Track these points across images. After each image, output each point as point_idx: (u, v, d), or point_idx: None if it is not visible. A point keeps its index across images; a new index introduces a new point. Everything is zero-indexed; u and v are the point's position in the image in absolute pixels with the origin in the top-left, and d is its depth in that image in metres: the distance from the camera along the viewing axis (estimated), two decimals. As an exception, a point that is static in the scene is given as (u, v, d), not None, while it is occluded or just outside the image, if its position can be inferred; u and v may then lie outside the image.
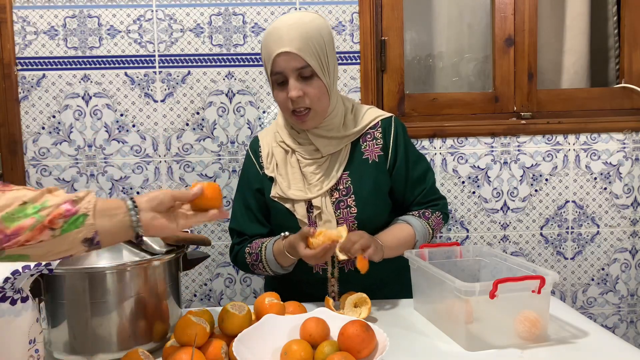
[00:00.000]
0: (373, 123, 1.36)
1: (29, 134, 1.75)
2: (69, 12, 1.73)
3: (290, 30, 1.22)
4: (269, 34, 1.25)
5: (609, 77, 2.02)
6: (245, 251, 1.37)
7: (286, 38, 1.22)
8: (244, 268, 1.41)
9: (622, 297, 1.95)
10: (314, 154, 1.33)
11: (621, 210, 1.91)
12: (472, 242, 1.89)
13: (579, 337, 1.10)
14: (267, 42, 1.25)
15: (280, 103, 1.30)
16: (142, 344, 1.05)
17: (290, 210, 1.32)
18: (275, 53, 1.23)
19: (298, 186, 1.32)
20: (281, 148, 1.36)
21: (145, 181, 1.79)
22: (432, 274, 1.15)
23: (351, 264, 1.32)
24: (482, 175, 1.87)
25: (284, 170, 1.34)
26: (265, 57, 1.28)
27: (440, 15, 1.99)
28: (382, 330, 0.99)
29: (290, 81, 1.24)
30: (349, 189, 1.32)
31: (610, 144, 1.88)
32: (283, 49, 1.22)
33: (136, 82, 1.76)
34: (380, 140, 1.36)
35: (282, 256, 1.28)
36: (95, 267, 1.02)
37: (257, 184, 1.39)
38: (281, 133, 1.37)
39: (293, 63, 1.22)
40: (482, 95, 1.90)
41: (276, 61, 1.23)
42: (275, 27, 1.24)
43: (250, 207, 1.40)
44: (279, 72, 1.25)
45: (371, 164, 1.34)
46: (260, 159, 1.40)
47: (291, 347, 0.94)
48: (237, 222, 1.42)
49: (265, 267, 1.33)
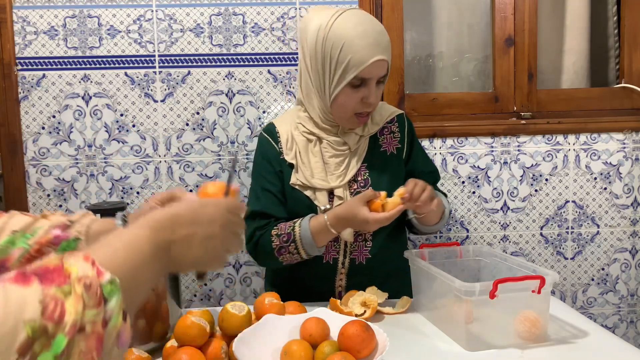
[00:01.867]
0: (390, 118, 1.43)
1: (29, 134, 1.75)
2: (69, 12, 1.73)
3: (382, 37, 1.26)
4: (355, 37, 1.23)
5: (609, 77, 2.02)
6: (272, 233, 1.31)
7: (382, 45, 1.25)
8: (266, 256, 1.34)
9: (622, 297, 1.95)
10: (341, 146, 1.36)
11: (621, 210, 1.91)
12: (472, 242, 1.89)
13: (579, 337, 1.10)
14: (357, 45, 1.23)
15: (348, 104, 1.29)
16: (142, 344, 1.05)
17: (310, 198, 1.33)
18: (373, 59, 1.23)
19: (320, 175, 1.34)
20: (303, 137, 1.37)
21: (145, 181, 1.79)
22: (432, 274, 1.16)
23: (363, 256, 1.36)
24: (482, 175, 1.87)
25: (306, 159, 1.35)
26: (347, 57, 1.24)
27: (440, 15, 1.99)
28: (382, 330, 0.99)
29: (372, 87, 1.27)
30: (367, 181, 1.36)
31: (610, 144, 1.88)
32: (380, 56, 1.24)
33: (136, 82, 1.76)
34: (397, 134, 1.43)
35: (322, 232, 1.27)
36: (95, 267, 1.01)
37: (278, 166, 1.38)
38: (307, 125, 1.37)
39: (382, 71, 1.27)
40: (482, 95, 1.90)
41: (369, 66, 1.24)
42: (364, 31, 1.23)
43: (271, 189, 1.37)
44: (366, 77, 1.26)
45: (389, 156, 1.41)
46: (279, 144, 1.39)
47: (291, 347, 0.94)
48: (261, 204, 1.36)
49: (298, 247, 1.28)
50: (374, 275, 1.37)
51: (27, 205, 1.76)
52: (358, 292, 1.23)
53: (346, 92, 1.27)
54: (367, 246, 1.37)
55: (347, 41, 1.24)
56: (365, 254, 1.37)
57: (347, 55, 1.24)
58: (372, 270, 1.37)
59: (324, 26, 1.26)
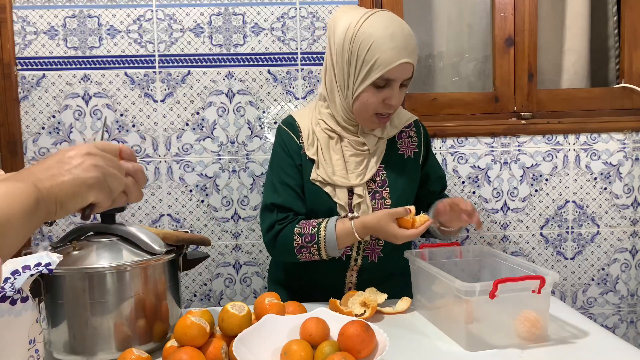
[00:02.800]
0: (408, 123, 1.45)
1: (29, 134, 1.75)
2: (69, 12, 1.73)
3: (410, 40, 1.27)
4: (386, 38, 1.24)
5: (609, 77, 2.02)
6: (295, 232, 1.30)
7: (409, 49, 1.26)
8: (285, 251, 1.34)
9: (622, 297, 1.95)
10: (361, 147, 1.37)
11: (621, 210, 1.91)
12: (472, 242, 1.89)
13: (579, 337, 1.10)
14: (385, 46, 1.24)
15: (370, 104, 1.30)
16: (142, 344, 1.05)
17: (329, 194, 1.34)
18: (400, 61, 1.24)
19: (341, 173, 1.35)
20: (325, 133, 1.38)
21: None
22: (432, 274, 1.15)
23: (375, 255, 1.39)
24: (482, 175, 1.87)
25: (327, 155, 1.36)
26: (380, 58, 1.24)
27: (440, 15, 1.99)
28: (382, 330, 0.99)
29: (396, 89, 1.28)
30: (384, 182, 1.38)
31: (610, 144, 1.88)
32: (407, 59, 1.25)
33: (136, 82, 1.76)
34: (415, 139, 1.45)
35: (347, 237, 1.28)
36: (95, 267, 1.01)
37: (298, 159, 1.38)
38: (328, 122, 1.38)
39: (406, 74, 1.28)
40: (482, 95, 1.90)
41: (396, 68, 1.25)
42: (393, 33, 1.24)
43: (290, 183, 1.36)
44: (390, 78, 1.26)
45: (407, 159, 1.42)
46: (301, 138, 1.39)
47: (291, 347, 0.94)
48: (281, 197, 1.35)
49: (320, 249, 1.29)
50: (383, 273, 1.40)
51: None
52: (358, 292, 1.23)
53: (370, 91, 1.28)
54: (379, 244, 1.39)
55: (375, 41, 1.24)
56: (377, 252, 1.39)
57: (374, 54, 1.25)
58: (382, 267, 1.40)
59: (354, 25, 1.27)
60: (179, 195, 1.80)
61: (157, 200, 1.80)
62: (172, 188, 1.80)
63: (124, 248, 1.07)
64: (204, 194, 1.81)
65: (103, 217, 1.11)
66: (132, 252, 1.06)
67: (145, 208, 1.80)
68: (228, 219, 1.82)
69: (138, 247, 1.07)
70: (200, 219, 1.81)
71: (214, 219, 1.82)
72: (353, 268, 1.39)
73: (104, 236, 1.09)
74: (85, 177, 0.64)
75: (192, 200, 1.81)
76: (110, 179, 0.67)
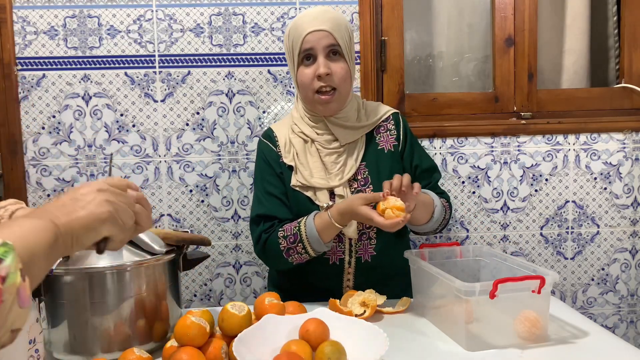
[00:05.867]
0: (385, 116, 1.45)
1: (29, 134, 1.75)
2: (69, 12, 1.73)
3: (324, 13, 1.31)
4: (299, 19, 1.34)
5: (609, 77, 2.02)
6: (279, 235, 1.32)
7: (320, 19, 1.30)
8: (275, 258, 1.35)
9: (622, 297, 1.95)
10: (333, 144, 1.38)
11: (621, 210, 1.91)
12: (472, 242, 1.89)
13: (579, 337, 1.10)
14: (298, 25, 1.32)
15: (305, 82, 1.33)
16: (142, 344, 1.05)
17: (311, 198, 1.34)
18: (307, 31, 1.29)
19: (320, 174, 1.35)
20: (300, 138, 1.39)
21: (145, 181, 1.79)
22: (432, 274, 1.15)
23: (368, 254, 1.38)
24: (482, 175, 1.87)
25: (304, 159, 1.37)
26: (294, 38, 1.32)
27: (440, 15, 1.99)
28: (382, 330, 0.99)
29: (320, 58, 1.30)
30: (367, 180, 1.37)
31: (610, 144, 1.88)
32: (316, 27, 1.29)
33: (136, 82, 1.76)
34: (394, 132, 1.44)
35: (327, 229, 1.27)
36: (95, 267, 1.02)
37: (278, 168, 1.40)
38: (299, 124, 1.40)
39: (325, 40, 1.30)
40: (482, 95, 1.90)
41: (307, 38, 1.29)
42: (307, 12, 1.34)
43: (274, 192, 1.38)
44: (308, 49, 1.30)
45: (387, 153, 1.42)
46: (278, 148, 1.41)
47: (290, 348, 0.94)
48: (265, 207, 1.37)
49: (306, 246, 1.29)
50: (381, 273, 1.39)
51: (27, 205, 1.76)
52: (357, 292, 1.23)
53: (301, 71, 1.34)
54: (371, 244, 1.38)
55: (292, 26, 1.35)
56: (370, 251, 1.38)
57: (294, 36, 1.33)
58: (378, 268, 1.39)
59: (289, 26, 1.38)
60: (179, 195, 1.80)
61: (157, 200, 1.80)
62: (172, 188, 1.80)
63: (124, 248, 1.07)
64: (204, 194, 1.81)
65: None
66: (132, 252, 1.06)
67: (145, 208, 1.80)
68: (228, 219, 1.82)
69: (138, 247, 1.07)
70: (200, 219, 1.82)
71: (214, 219, 1.82)
72: (348, 271, 1.38)
73: (104, 236, 1.09)
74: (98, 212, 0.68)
75: (192, 200, 1.81)
76: (122, 213, 0.72)
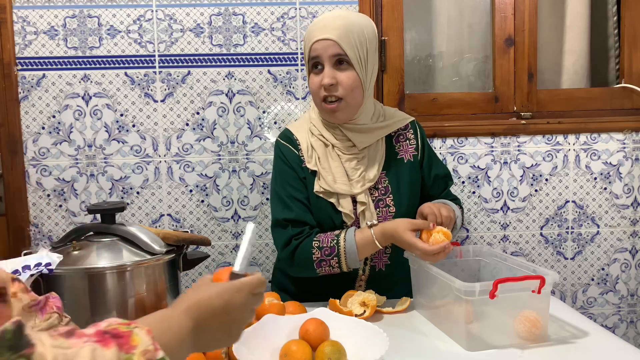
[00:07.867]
0: (404, 124, 1.43)
1: (29, 134, 1.75)
2: (69, 12, 1.73)
3: (335, 20, 1.29)
4: (311, 25, 1.34)
5: (609, 77, 2.02)
6: (313, 245, 1.28)
7: (329, 27, 1.28)
8: (303, 266, 1.31)
9: (622, 297, 1.95)
10: (352, 149, 1.36)
11: (621, 210, 1.91)
12: (472, 242, 1.89)
13: (579, 337, 1.10)
14: (309, 31, 1.33)
15: (313, 90, 1.33)
16: (142, 344, 1.05)
17: (334, 205, 1.32)
18: (314, 39, 1.29)
19: (342, 180, 1.32)
20: (320, 142, 1.37)
21: (145, 181, 1.79)
22: (432, 274, 1.16)
23: (382, 263, 1.37)
24: (482, 175, 1.87)
25: (326, 164, 1.34)
26: (305, 44, 1.34)
27: (440, 15, 1.99)
28: (382, 330, 0.99)
29: (325, 68, 1.29)
30: (387, 189, 1.36)
31: (610, 144, 1.88)
32: (322, 35, 1.28)
33: (136, 82, 1.76)
34: (413, 141, 1.43)
35: (367, 246, 1.26)
36: (95, 267, 1.02)
37: (302, 173, 1.36)
38: (317, 127, 1.38)
39: (331, 50, 1.28)
40: (482, 95, 1.90)
41: (314, 47, 1.29)
42: (320, 18, 1.33)
43: (299, 197, 1.34)
44: (315, 57, 1.30)
45: (406, 163, 1.41)
46: (300, 152, 1.37)
47: (290, 348, 0.94)
48: (293, 212, 1.32)
49: (341, 261, 1.27)
50: (391, 280, 1.38)
51: (27, 205, 1.76)
52: (357, 292, 1.23)
53: (311, 78, 1.34)
54: (386, 253, 1.38)
55: (307, 31, 1.34)
56: (384, 260, 1.38)
57: (305, 42, 1.34)
58: (389, 275, 1.38)
59: None
60: (179, 195, 1.80)
61: (157, 200, 1.80)
62: (172, 188, 1.80)
63: (124, 248, 1.07)
64: (204, 194, 1.81)
65: (103, 217, 1.11)
66: (132, 252, 1.06)
67: (145, 208, 1.80)
68: (228, 219, 1.82)
69: (138, 247, 1.07)
70: (200, 219, 1.82)
71: (214, 219, 1.82)
72: (361, 278, 1.38)
73: (104, 236, 1.09)
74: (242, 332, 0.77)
75: (192, 200, 1.81)
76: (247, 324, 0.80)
